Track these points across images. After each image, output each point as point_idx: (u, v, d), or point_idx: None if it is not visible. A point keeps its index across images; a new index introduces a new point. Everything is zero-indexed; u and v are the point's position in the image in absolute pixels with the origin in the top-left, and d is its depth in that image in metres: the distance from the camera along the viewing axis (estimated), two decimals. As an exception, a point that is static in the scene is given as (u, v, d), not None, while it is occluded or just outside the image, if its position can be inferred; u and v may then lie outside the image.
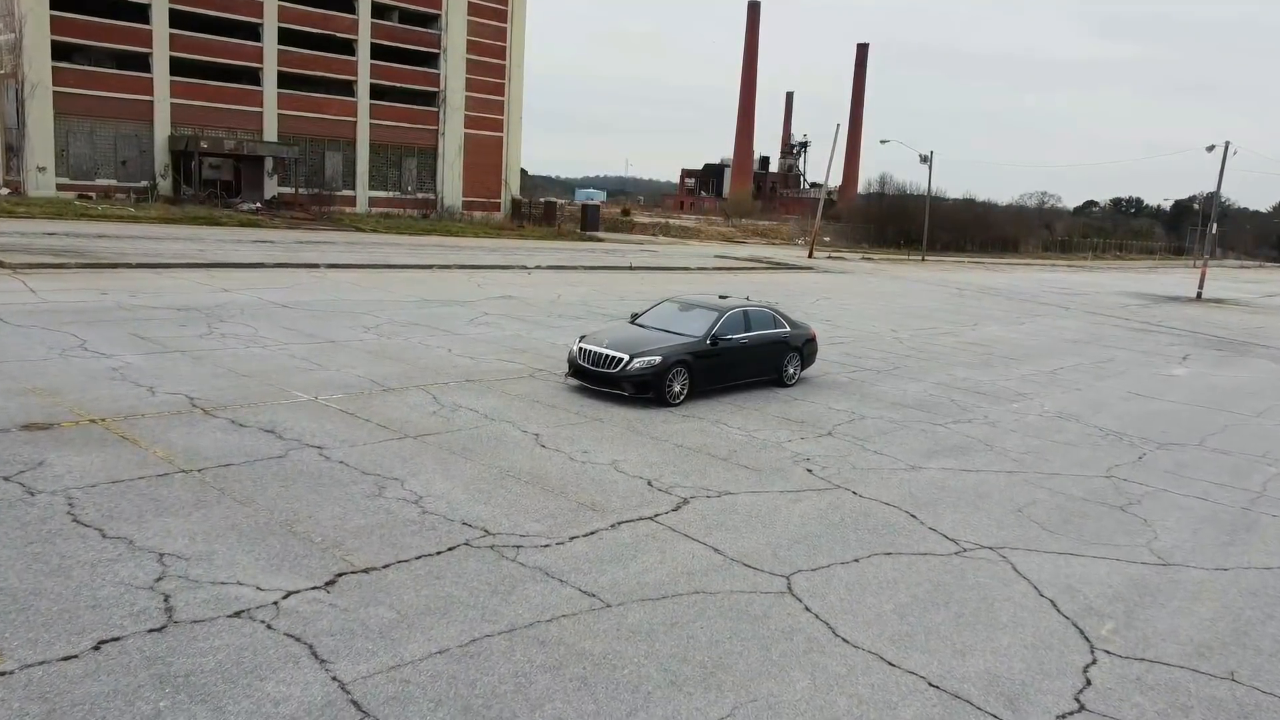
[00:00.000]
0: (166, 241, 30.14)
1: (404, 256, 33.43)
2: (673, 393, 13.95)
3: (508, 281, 29.14)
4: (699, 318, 15.11)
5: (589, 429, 12.43)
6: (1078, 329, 30.13)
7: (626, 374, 13.68)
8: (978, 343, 24.52)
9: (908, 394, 16.69)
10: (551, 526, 8.87)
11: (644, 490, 10.17)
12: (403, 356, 15.90)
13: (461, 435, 11.56)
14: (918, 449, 12.99)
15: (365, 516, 8.68)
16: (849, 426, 13.91)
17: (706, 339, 14.56)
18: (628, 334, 14.82)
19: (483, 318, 21.00)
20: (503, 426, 12.13)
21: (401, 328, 18.72)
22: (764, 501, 10.18)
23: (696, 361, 14.24)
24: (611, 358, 13.83)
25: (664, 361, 13.75)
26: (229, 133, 51.18)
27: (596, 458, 11.17)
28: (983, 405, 16.30)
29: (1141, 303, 44.26)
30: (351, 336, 17.30)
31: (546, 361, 16.59)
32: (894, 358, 20.71)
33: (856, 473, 11.58)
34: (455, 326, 19.41)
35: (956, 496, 10.99)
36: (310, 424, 11.43)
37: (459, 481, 9.86)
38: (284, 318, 18.65)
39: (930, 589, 8.29)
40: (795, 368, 16.35)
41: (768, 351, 15.72)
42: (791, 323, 16.47)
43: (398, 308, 21.30)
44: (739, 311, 15.44)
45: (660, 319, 15.41)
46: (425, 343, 17.35)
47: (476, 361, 16.07)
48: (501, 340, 18.36)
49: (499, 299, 24.55)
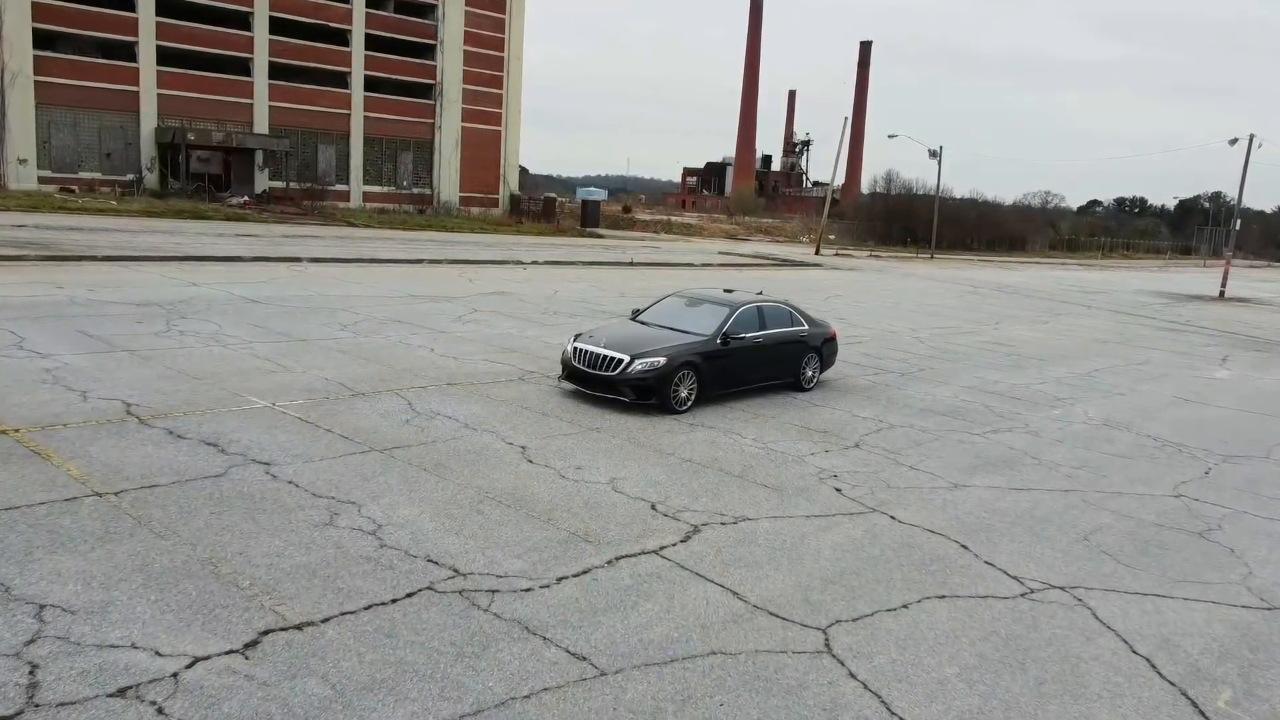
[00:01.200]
0: (143, 235, 28.61)
1: (393, 251, 31.87)
2: (679, 398, 12.41)
3: (502, 277, 27.59)
4: (708, 314, 13.55)
5: (584, 441, 10.88)
6: (1105, 328, 28.58)
7: (627, 377, 12.13)
8: (1003, 342, 22.96)
9: (938, 399, 15.14)
10: (535, 563, 7.32)
11: (647, 515, 8.62)
12: (379, 357, 14.35)
13: (436, 448, 10.01)
14: (957, 463, 11.44)
15: (308, 552, 7.13)
16: (877, 437, 12.35)
17: (716, 338, 13.00)
18: (629, 332, 13.28)
19: (471, 315, 19.45)
20: (485, 438, 10.58)
21: (381, 325, 17.17)
22: (788, 529, 8.63)
23: (705, 363, 12.69)
24: (610, 359, 12.29)
25: (669, 363, 12.20)
26: (218, 125, 49.63)
27: (592, 475, 9.62)
28: (1021, 411, 14.75)
29: (1164, 301, 42.73)
30: (325, 335, 15.76)
31: (539, 363, 15.05)
32: (917, 359, 19.16)
33: (892, 492, 10.02)
34: (441, 324, 17.87)
35: (1011, 521, 9.44)
36: (261, 435, 9.88)
37: (428, 506, 8.31)
38: (253, 314, 17.11)
39: (1000, 645, 6.74)
40: (814, 370, 14.80)
41: (784, 352, 14.17)
42: (809, 320, 14.92)
43: (380, 304, 19.76)
44: (752, 307, 13.88)
45: (665, 316, 13.86)
46: (406, 342, 15.80)
47: (461, 363, 14.52)
48: (490, 339, 16.81)
49: (491, 295, 23.00)
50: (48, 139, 45.78)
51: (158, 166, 48.68)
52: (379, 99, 57.36)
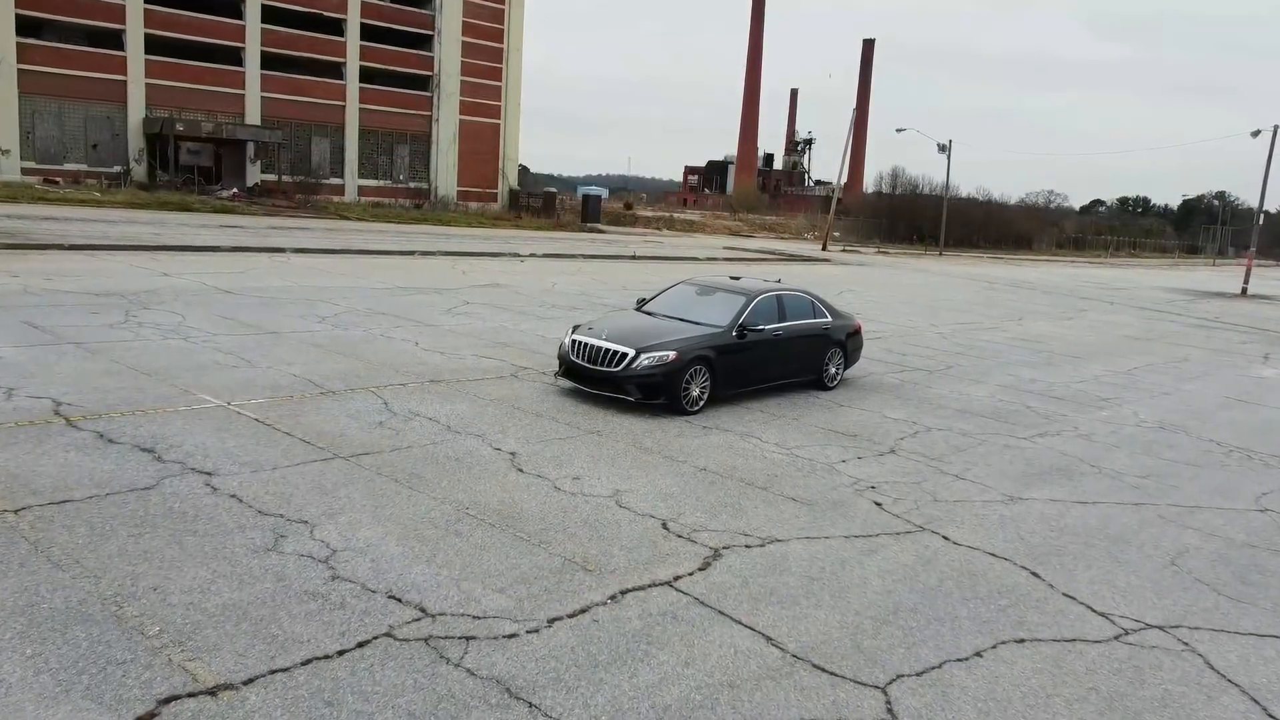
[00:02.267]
0: (121, 225, 27.23)
1: (384, 243, 30.48)
2: (690, 398, 11.03)
3: (497, 270, 26.19)
4: (722, 303, 12.17)
5: (583, 446, 9.50)
6: (1132, 324, 27.20)
7: (632, 374, 10.75)
8: (1030, 339, 21.57)
9: (973, 399, 13.76)
10: (522, 599, 5.95)
11: (657, 536, 7.25)
12: (357, 351, 12.98)
13: (412, 455, 8.63)
14: (1008, 471, 10.06)
15: (241, 587, 5.76)
16: (914, 441, 10.97)
17: (732, 330, 11.62)
18: (633, 324, 11.90)
19: (463, 307, 18.07)
20: (469, 442, 9.20)
21: (363, 317, 15.79)
22: (826, 553, 7.26)
23: (720, 358, 11.31)
24: (613, 353, 10.91)
25: (679, 358, 10.82)
26: (208, 116, 48.22)
27: (592, 486, 8.24)
28: (1066, 412, 13.37)
29: (1186, 298, 41.36)
30: (300, 327, 14.38)
31: (534, 358, 13.67)
32: (943, 355, 17.77)
33: (940, 507, 8.65)
34: (429, 317, 16.49)
35: (1083, 542, 8.06)
36: (207, 439, 8.50)
37: (395, 526, 6.93)
38: (223, 305, 15.72)
39: (1103, 708, 5.36)
40: (838, 367, 13.42)
41: (805, 346, 12.80)
42: (833, 311, 13.54)
43: (364, 295, 18.37)
44: (771, 297, 12.50)
45: (674, 305, 12.48)
46: (388, 335, 14.42)
47: (448, 358, 13.14)
48: (481, 333, 15.43)
49: (485, 287, 21.61)
50: (31, 129, 44.40)
51: (146, 158, 47.29)
52: (375, 90, 55.97)
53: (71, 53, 45.05)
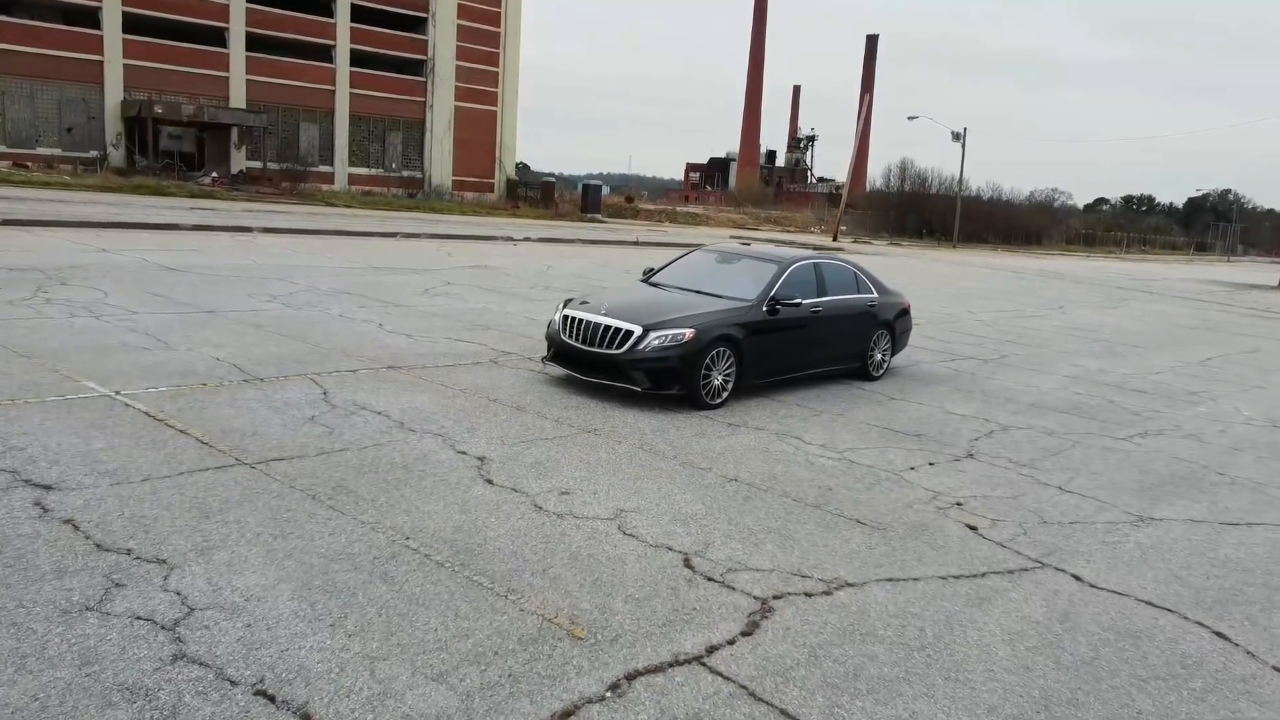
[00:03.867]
0: (81, 205, 24.97)
1: (365, 225, 28.20)
2: (711, 388, 8.82)
3: (487, 252, 23.93)
4: (749, 273, 9.95)
5: (575, 449, 7.29)
6: (1182, 314, 25.01)
7: (639, 356, 8.54)
8: (1080, 327, 19.37)
9: (1044, 392, 11.55)
10: (470, 695, 3.75)
11: (678, 579, 5.04)
12: (306, 333, 10.76)
13: (345, 460, 6.42)
14: (1122, 482, 7.85)
15: (15, 679, 3.55)
16: (992, 443, 8.75)
17: (762, 304, 9.39)
18: (640, 297, 9.70)
19: (442, 288, 15.85)
20: (426, 443, 6.99)
21: (323, 296, 13.58)
22: (920, 604, 5.05)
23: (748, 339, 9.09)
24: (615, 331, 8.70)
25: (698, 337, 8.61)
26: (190, 99, 45.92)
27: (586, 505, 6.04)
28: (1159, 408, 11.15)
29: (1225, 289, 39.23)
30: (243, 306, 12.17)
31: (519, 342, 11.46)
32: (991, 343, 15.57)
33: (1054, 531, 6.43)
34: (401, 297, 14.27)
35: (1262, 583, 5.85)
36: (68, 439, 6.29)
37: (295, 567, 4.73)
38: (158, 282, 13.51)
39: None
40: (884, 353, 11.20)
41: (848, 326, 10.59)
42: (879, 286, 11.33)
43: (331, 274, 16.15)
44: (808, 265, 10.27)
45: (689, 276, 10.26)
46: (348, 315, 12.21)
47: (414, 341, 10.93)
48: (460, 314, 13.22)
49: (470, 269, 19.38)
50: (1, 111, 42.14)
51: (123, 142, 44.98)
52: (366, 74, 53.61)
53: (44, 31, 42.76)
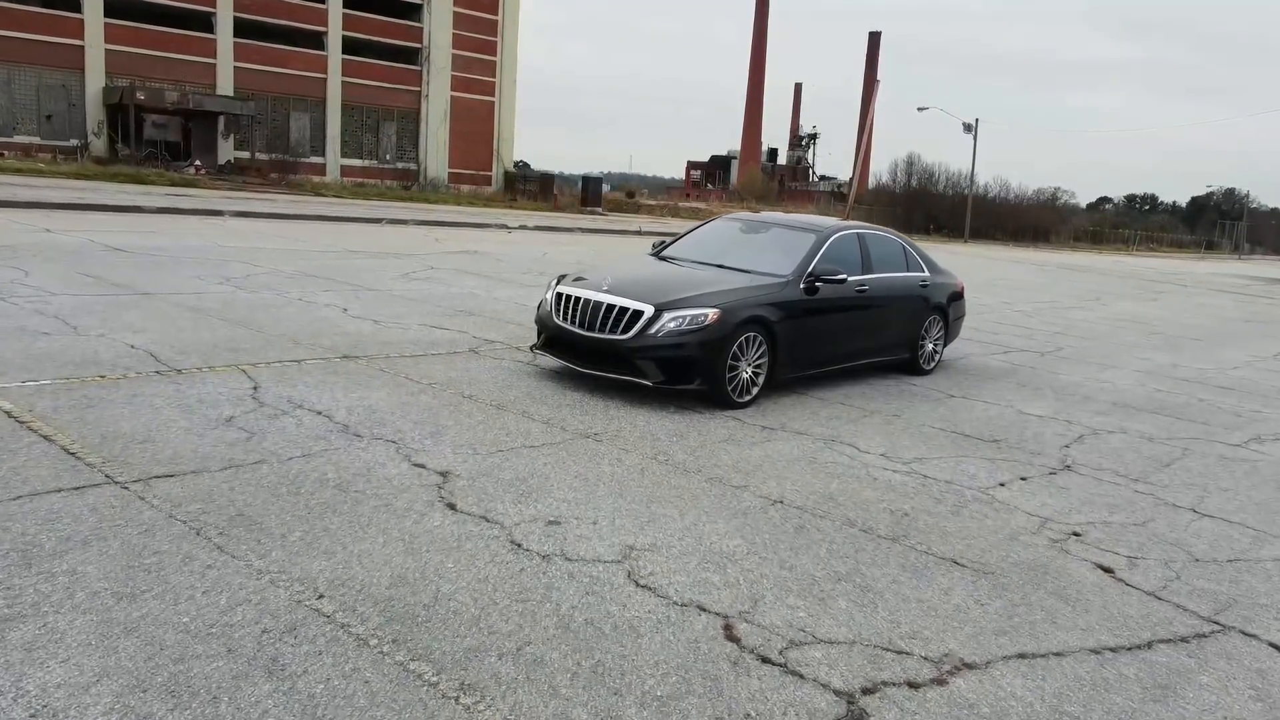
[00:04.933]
0: (45, 190, 23.26)
1: (350, 211, 26.50)
2: (740, 382, 7.14)
3: (479, 238, 22.22)
4: (782, 244, 8.26)
5: (568, 460, 5.60)
6: (1229, 307, 23.37)
7: (650, 344, 6.85)
8: (1130, 319, 17.71)
9: (1119, 388, 9.87)
10: None
11: (719, 661, 3.35)
12: (252, 317, 9.08)
13: (258, 478, 4.73)
14: (1267, 501, 6.17)
15: None
16: (1086, 450, 7.07)
17: (799, 281, 7.70)
18: (651, 271, 8.03)
19: (424, 272, 14.16)
20: (374, 453, 5.30)
21: (285, 280, 11.89)
22: (1078, 700, 3.36)
23: (783, 322, 7.40)
24: (620, 312, 7.01)
25: (723, 319, 6.92)
26: (175, 86, 44.21)
27: (582, 540, 4.35)
28: (1257, 408, 9.48)
29: (1260, 283, 37.62)
30: (187, 288, 10.49)
31: (506, 330, 9.79)
32: (1041, 335, 13.90)
33: (1214, 574, 4.76)
34: (376, 281, 12.58)
35: None
36: (-126, 449, 4.61)
37: (134, 653, 3.03)
38: (96, 263, 11.83)
39: None
40: (937, 342, 9.52)
41: (898, 310, 8.91)
42: (930, 263, 9.64)
43: (300, 257, 14.46)
44: (851, 235, 8.59)
45: (708, 248, 8.57)
46: (309, 299, 10.53)
47: (382, 327, 9.24)
48: (441, 299, 11.54)
49: (459, 254, 17.68)
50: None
51: (105, 131, 43.28)
52: (359, 63, 51.89)
53: (21, 14, 41.02)
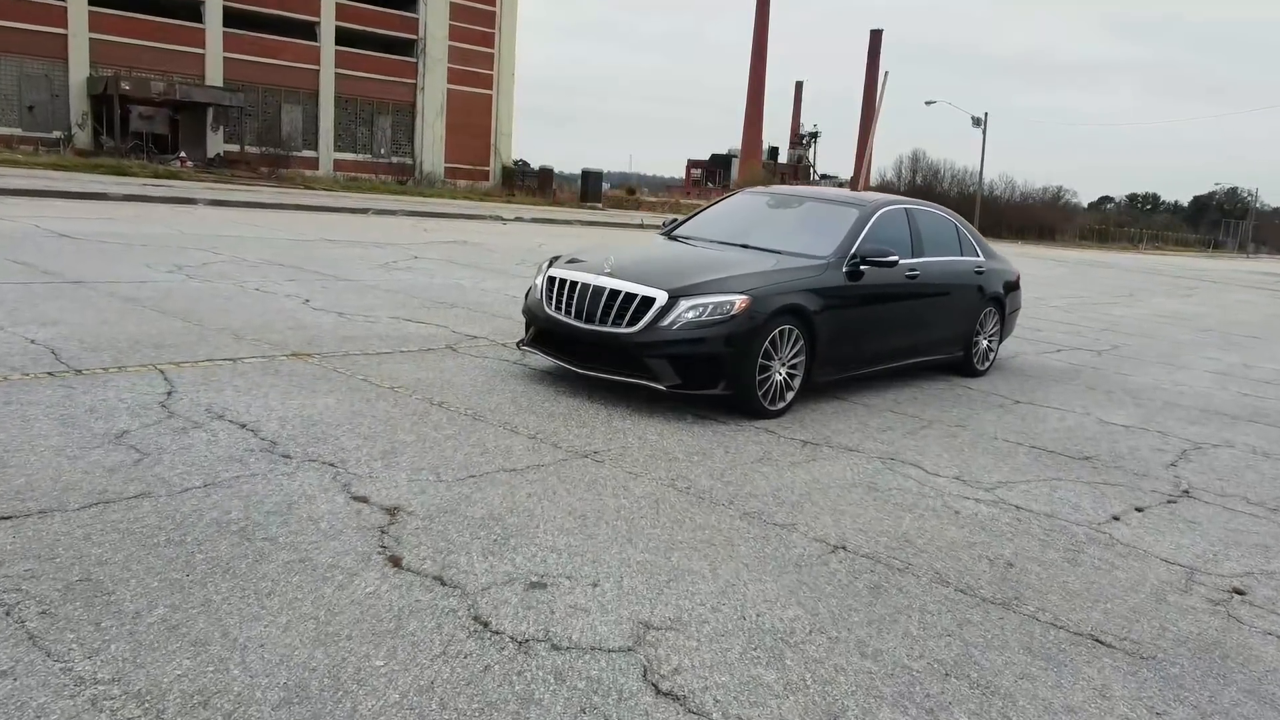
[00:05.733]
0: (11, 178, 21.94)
1: (337, 201, 25.17)
2: (773, 385, 5.81)
3: (471, 229, 20.87)
4: (818, 220, 6.93)
5: (560, 489, 4.26)
6: (1265, 303, 22.08)
7: (663, 338, 5.52)
8: (1173, 315, 16.41)
9: (1200, 391, 8.56)
10: None
11: None
12: (195, 309, 7.75)
13: (133, 520, 3.40)
14: None
15: None
16: (1198, 470, 5.75)
17: (841, 264, 6.37)
18: (662, 253, 6.71)
19: (407, 262, 12.83)
20: (300, 482, 3.97)
21: (246, 268, 10.56)
22: None
23: (823, 313, 6.06)
24: (627, 300, 5.67)
25: (754, 308, 5.59)
26: (162, 76, 42.85)
27: (577, 614, 3.01)
28: (1368, 416, 8.16)
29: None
30: (127, 277, 9.16)
31: (492, 324, 8.46)
32: (1088, 331, 12.59)
33: None
34: (351, 271, 11.25)
35: None
36: None
37: None
38: (33, 249, 10.50)
39: None
40: (992, 339, 8.22)
41: (952, 301, 7.59)
42: (984, 247, 8.32)
43: (270, 246, 13.13)
44: (898, 211, 7.25)
45: (728, 225, 7.23)
46: (269, 289, 9.19)
47: (346, 320, 7.91)
48: (421, 290, 10.20)
49: (447, 244, 16.33)
50: (-43, 88, 39.11)
51: (90, 122, 41.94)
52: (353, 54, 50.55)
53: (2, 2, 39.72)
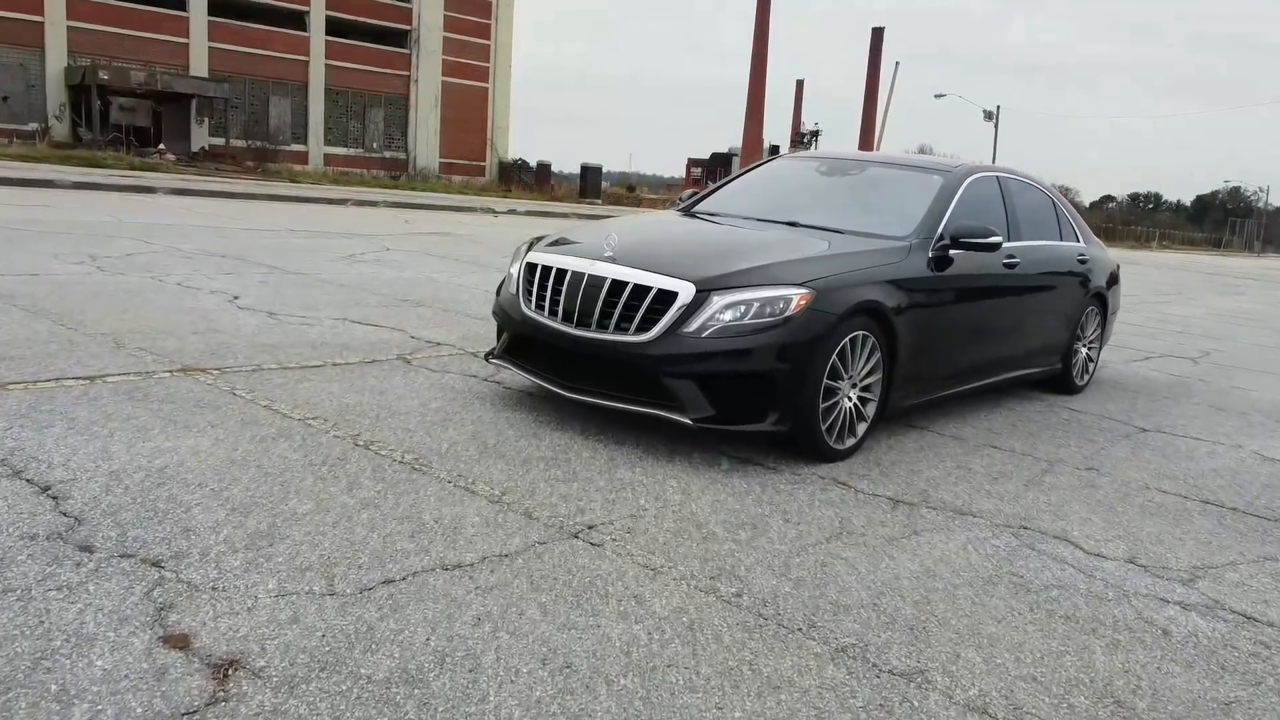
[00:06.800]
0: (-35, 167, 20.26)
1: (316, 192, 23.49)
2: (841, 415, 4.09)
3: (459, 221, 19.14)
4: (888, 191, 5.25)
5: (530, 614, 2.55)
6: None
7: (689, 349, 3.80)
8: (1237, 315, 14.78)
9: (1352, 412, 6.87)
10: None
11: None
12: (80, 309, 6.05)
13: None
14: None
15: None
16: None
17: (927, 246, 4.67)
18: (681, 231, 5.02)
19: (375, 254, 11.12)
20: (89, 599, 2.27)
21: (176, 260, 8.85)
22: None
23: (906, 314, 4.35)
24: (635, 293, 3.95)
25: (818, 305, 3.88)
26: (144, 66, 41.14)
27: None
28: None
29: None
30: (17, 269, 7.46)
31: (462, 327, 6.75)
32: (1166, 335, 10.92)
33: None
34: (307, 264, 9.54)
35: None
36: None
37: None
38: (-79, 235, 8.82)
39: None
40: (1093, 346, 6.53)
41: (1056, 297, 5.93)
42: (1082, 229, 6.64)
43: (219, 235, 11.41)
44: (989, 179, 5.55)
45: (765, 199, 5.52)
46: (192, 284, 7.49)
47: (276, 322, 6.21)
48: (383, 286, 8.48)
49: (428, 236, 14.61)
50: (-73, 77, 37.42)
51: (68, 113, 40.25)
52: (344, 45, 48.82)
53: (-25, -13, 38.06)
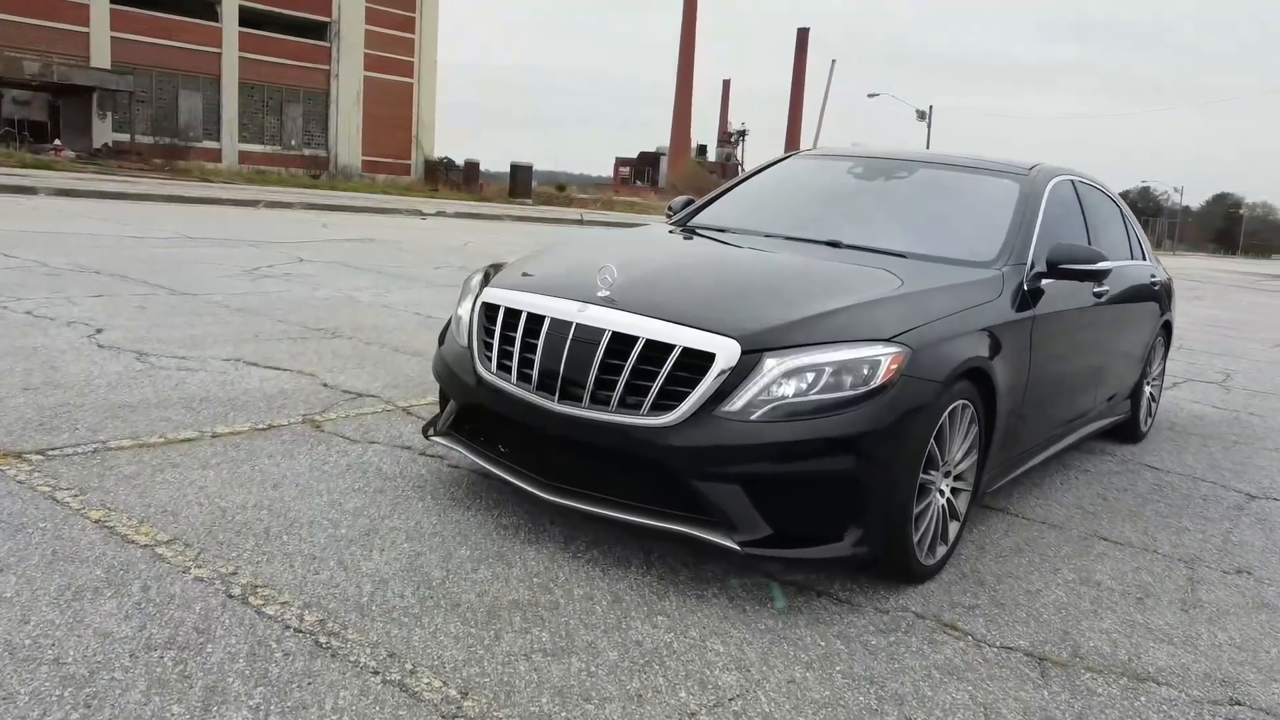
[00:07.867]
0: None
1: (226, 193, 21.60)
2: (933, 519, 2.89)
3: (382, 224, 17.53)
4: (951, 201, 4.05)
5: None
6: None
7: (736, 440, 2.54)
8: (1220, 324, 14.08)
9: None
10: None
11: None
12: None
13: None
14: None
15: None
16: None
17: (1020, 275, 3.50)
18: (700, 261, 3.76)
19: (285, 266, 9.60)
20: None
21: (34, 279, 7.25)
22: None
23: (1003, 371, 3.17)
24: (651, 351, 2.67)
25: (912, 371, 2.66)
26: (38, 56, 38.29)
27: None
28: None
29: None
30: None
31: (389, 368, 5.37)
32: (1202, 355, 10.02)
33: None
34: (200, 280, 8.00)
35: None
36: None
37: None
38: None
39: None
40: (1156, 385, 5.47)
41: (1132, 330, 4.84)
42: (1144, 240, 5.55)
43: (100, 246, 9.75)
44: (1066, 183, 4.38)
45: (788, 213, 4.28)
46: (46, 311, 5.95)
47: (148, 366, 4.76)
48: (295, 308, 7.03)
49: (348, 242, 13.07)
50: None
51: (-47, 108, 37.27)
52: (259, 36, 46.36)
53: None
